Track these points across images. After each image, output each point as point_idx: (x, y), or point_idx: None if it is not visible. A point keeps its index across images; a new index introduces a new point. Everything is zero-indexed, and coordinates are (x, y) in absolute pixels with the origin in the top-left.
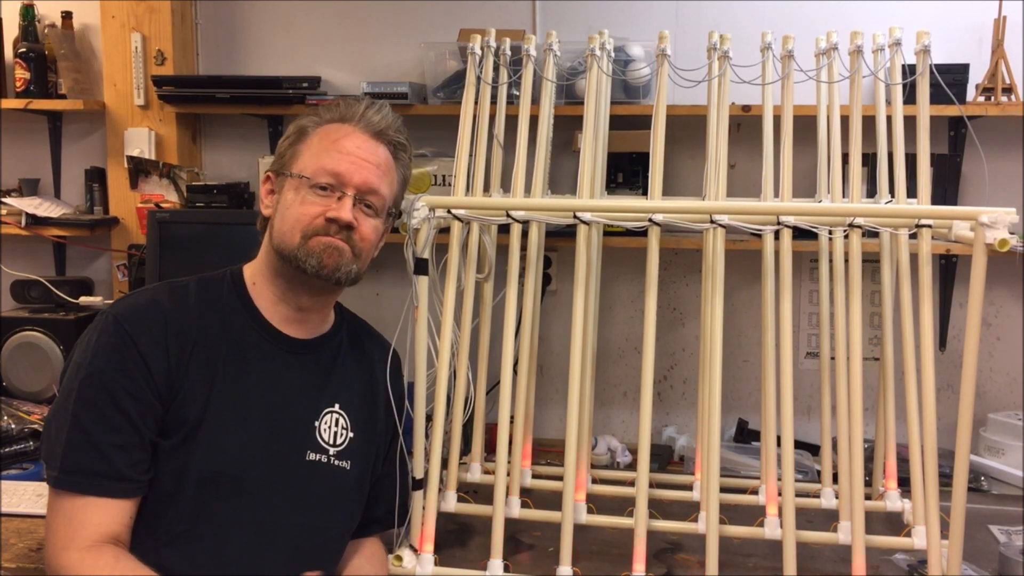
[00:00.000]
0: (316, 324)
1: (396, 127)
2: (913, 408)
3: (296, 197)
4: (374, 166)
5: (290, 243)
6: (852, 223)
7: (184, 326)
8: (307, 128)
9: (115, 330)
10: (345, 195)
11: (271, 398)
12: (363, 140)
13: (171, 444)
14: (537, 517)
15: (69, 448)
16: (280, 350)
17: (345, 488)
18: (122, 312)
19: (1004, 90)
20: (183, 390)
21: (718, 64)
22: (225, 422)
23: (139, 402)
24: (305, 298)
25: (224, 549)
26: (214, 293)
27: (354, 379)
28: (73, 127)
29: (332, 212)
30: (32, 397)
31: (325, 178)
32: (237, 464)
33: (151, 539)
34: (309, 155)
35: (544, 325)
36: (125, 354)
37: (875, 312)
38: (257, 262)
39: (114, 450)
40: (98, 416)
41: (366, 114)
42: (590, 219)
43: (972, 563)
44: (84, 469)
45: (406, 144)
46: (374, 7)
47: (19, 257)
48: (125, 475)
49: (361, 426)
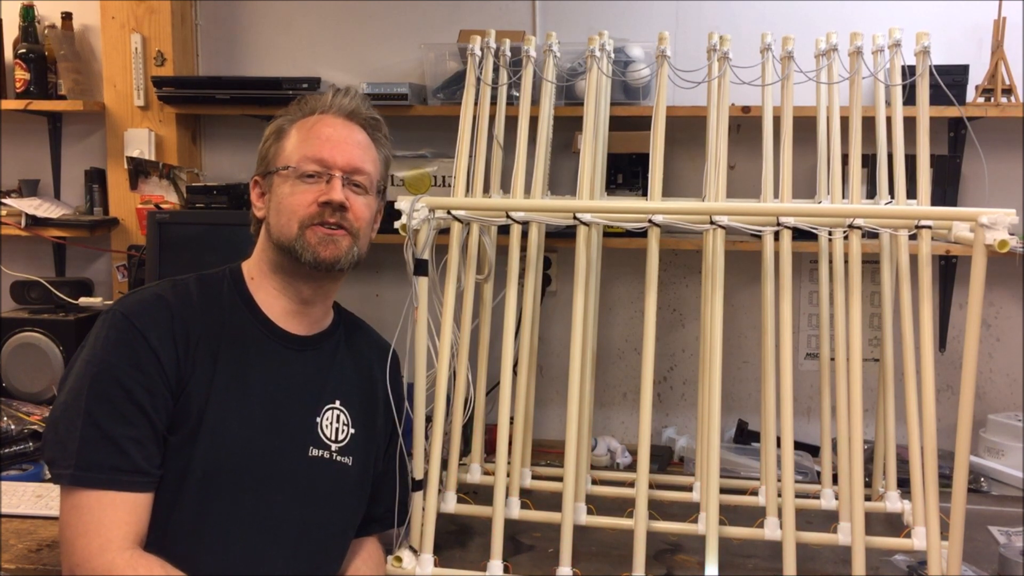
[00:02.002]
0: (316, 320)
1: (367, 106)
2: (913, 409)
3: (287, 189)
4: (354, 145)
5: (288, 234)
6: (852, 224)
7: (189, 321)
8: (283, 127)
9: (125, 325)
10: (333, 177)
11: (272, 394)
12: (338, 123)
13: (177, 439)
14: (537, 518)
15: (84, 444)
16: (281, 346)
17: (347, 484)
18: (129, 308)
19: (1004, 91)
20: (189, 384)
21: (718, 65)
22: (227, 418)
23: (153, 395)
24: (306, 289)
25: (228, 546)
26: (215, 290)
27: (353, 376)
28: (73, 128)
29: (324, 196)
30: (32, 398)
31: (311, 165)
32: (239, 460)
33: (155, 536)
34: (291, 148)
35: (544, 326)
36: (136, 348)
37: (875, 313)
38: (254, 259)
39: (130, 443)
40: (112, 410)
41: (335, 100)
42: (590, 220)
43: (972, 564)
44: (102, 464)
45: (379, 120)
46: (374, 8)
47: (19, 258)
48: (143, 468)
49: (361, 423)
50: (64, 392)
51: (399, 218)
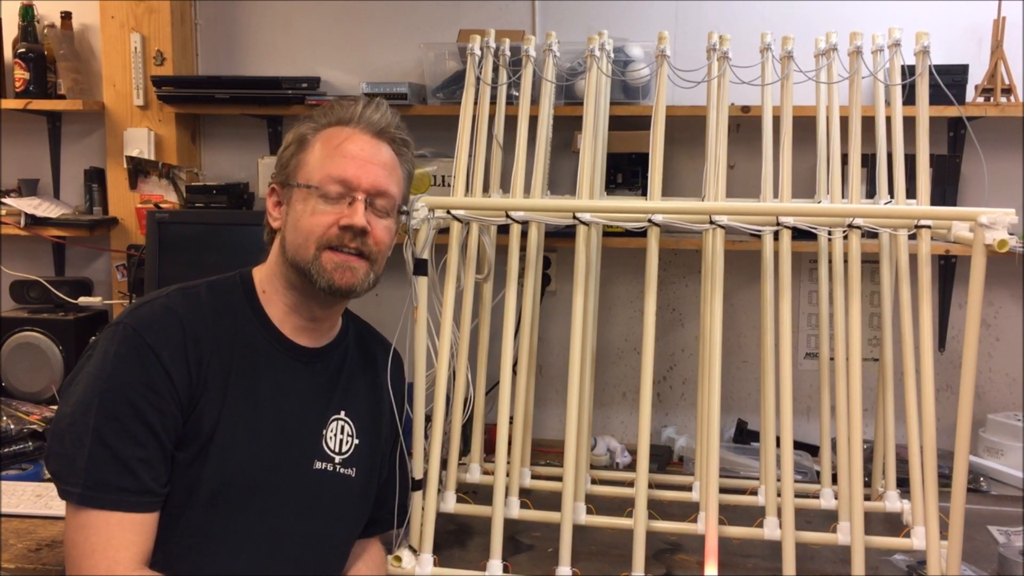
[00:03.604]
0: (325, 332)
1: (396, 124)
2: (912, 409)
3: (306, 208)
4: (380, 167)
5: (304, 256)
6: (851, 224)
7: (200, 334)
8: (307, 135)
9: (136, 342)
10: (356, 200)
11: (282, 407)
12: (365, 141)
13: (186, 456)
14: (536, 518)
15: (92, 463)
16: (291, 359)
17: (350, 495)
18: (140, 323)
19: (1003, 91)
20: (201, 401)
21: (717, 65)
22: (237, 433)
23: (163, 415)
24: (318, 309)
25: (231, 560)
26: (226, 300)
27: (360, 385)
28: (72, 127)
29: (345, 220)
30: (31, 397)
31: (334, 186)
32: (247, 475)
33: (161, 552)
34: (314, 163)
35: (543, 325)
36: (148, 367)
37: (874, 313)
38: (267, 270)
39: (139, 464)
40: (121, 430)
41: (364, 113)
42: (589, 220)
43: (971, 564)
44: (110, 484)
45: (408, 140)
46: (374, 7)
47: (18, 257)
48: (151, 489)
49: (366, 432)
50: (71, 404)
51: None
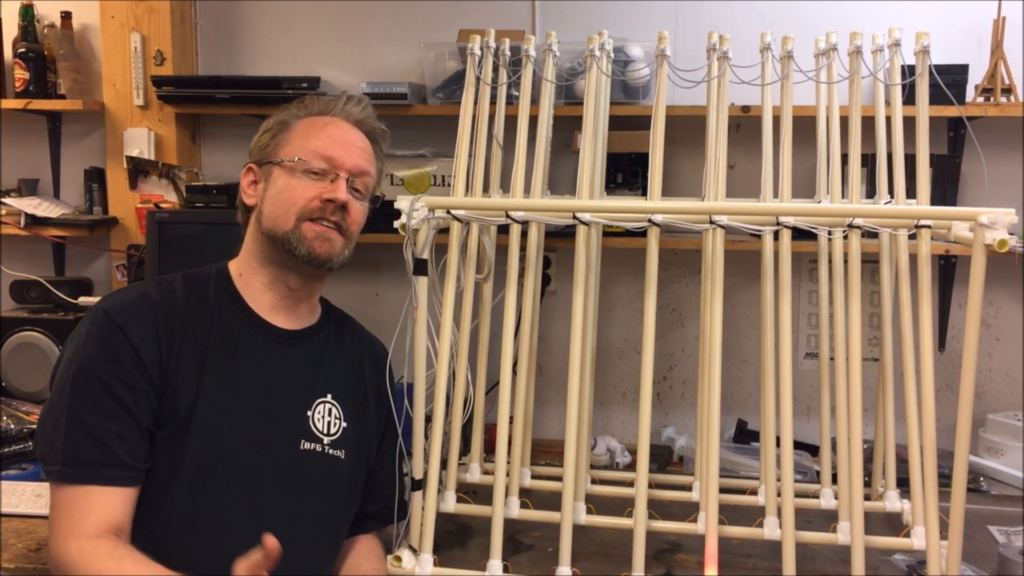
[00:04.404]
0: (304, 314)
1: (375, 118)
2: (912, 409)
3: (289, 181)
4: (361, 150)
5: (283, 226)
6: (851, 224)
7: (172, 318)
8: (288, 121)
9: (105, 322)
10: (339, 177)
11: (263, 387)
12: (347, 128)
13: (165, 434)
14: (536, 517)
15: (68, 441)
16: (270, 340)
17: (340, 477)
18: (111, 305)
19: (1003, 91)
20: (174, 380)
21: (717, 64)
22: (217, 411)
23: (133, 390)
24: (295, 280)
25: (220, 538)
26: (200, 287)
27: (343, 371)
28: (72, 127)
29: (328, 193)
30: (31, 397)
31: (319, 161)
32: (231, 452)
33: (149, 531)
34: (298, 142)
35: (543, 325)
36: (116, 344)
37: (874, 313)
38: (242, 254)
39: (113, 438)
40: (94, 406)
41: (346, 107)
42: (589, 219)
43: (971, 564)
44: (85, 459)
45: (385, 132)
46: (374, 7)
47: (18, 257)
48: (125, 463)
49: (353, 417)
50: (52, 390)
51: (399, 217)
